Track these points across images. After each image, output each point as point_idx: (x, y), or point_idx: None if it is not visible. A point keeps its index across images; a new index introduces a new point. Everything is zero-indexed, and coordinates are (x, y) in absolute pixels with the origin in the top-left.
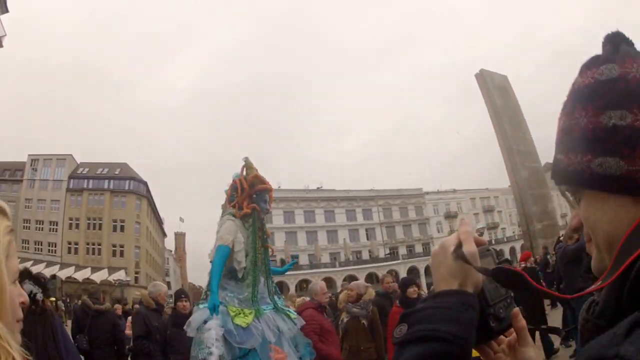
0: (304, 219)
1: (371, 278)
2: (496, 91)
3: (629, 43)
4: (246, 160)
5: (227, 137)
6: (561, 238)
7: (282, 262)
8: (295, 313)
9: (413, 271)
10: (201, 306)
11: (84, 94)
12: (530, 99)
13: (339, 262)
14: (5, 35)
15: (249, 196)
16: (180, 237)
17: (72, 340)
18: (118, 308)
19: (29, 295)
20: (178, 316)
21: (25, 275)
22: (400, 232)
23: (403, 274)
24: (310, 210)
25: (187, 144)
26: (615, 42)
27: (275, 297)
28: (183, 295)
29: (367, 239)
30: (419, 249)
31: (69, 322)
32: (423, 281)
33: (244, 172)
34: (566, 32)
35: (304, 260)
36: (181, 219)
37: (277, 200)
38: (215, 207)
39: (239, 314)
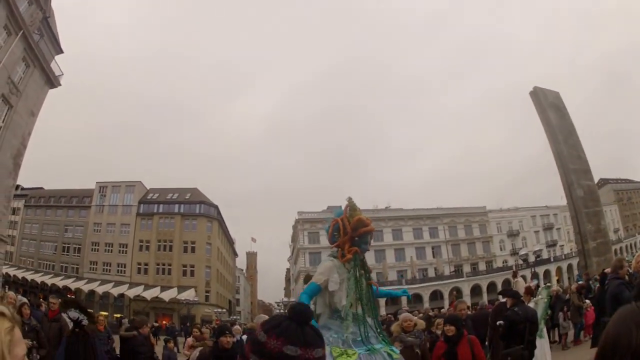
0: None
1: (435, 295)
2: (550, 108)
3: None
4: (349, 201)
5: (299, 162)
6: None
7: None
8: (398, 352)
9: (476, 289)
10: None
11: (158, 125)
12: (581, 118)
13: (406, 279)
14: (62, 74)
15: (350, 239)
16: (251, 256)
17: (106, 358)
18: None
19: (75, 321)
20: (219, 349)
21: (71, 305)
22: (465, 250)
23: (467, 291)
24: (379, 230)
25: (261, 170)
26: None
27: (380, 337)
28: (227, 331)
29: (433, 257)
30: (482, 266)
31: None
32: (485, 298)
33: (347, 213)
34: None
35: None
36: (253, 239)
37: None
38: (285, 229)
39: (342, 354)
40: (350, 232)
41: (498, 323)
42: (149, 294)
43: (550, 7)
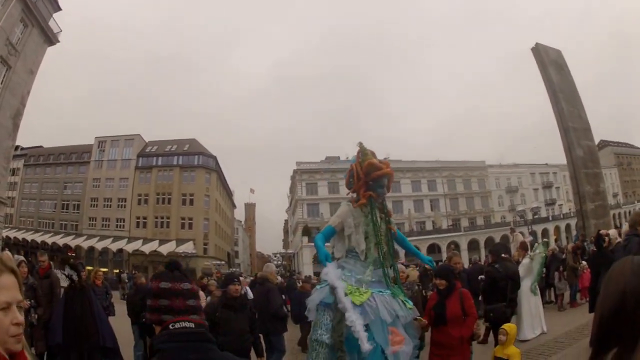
0: None
1: (433, 248)
2: (552, 66)
3: None
4: (360, 145)
5: (299, 118)
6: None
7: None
8: (412, 303)
9: (473, 243)
10: (318, 287)
11: (158, 82)
12: (584, 78)
13: (403, 232)
14: (61, 31)
15: (365, 184)
16: (250, 207)
17: (103, 311)
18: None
19: (70, 277)
20: (228, 298)
21: (65, 262)
22: (463, 204)
23: (464, 245)
24: None
25: (261, 125)
26: None
27: (397, 284)
28: (236, 279)
29: (431, 210)
30: (480, 221)
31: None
32: (482, 253)
33: (359, 158)
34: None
35: None
36: (252, 190)
37: (345, 171)
38: (284, 180)
39: (354, 292)
40: (363, 177)
41: (479, 277)
42: (147, 248)
43: None
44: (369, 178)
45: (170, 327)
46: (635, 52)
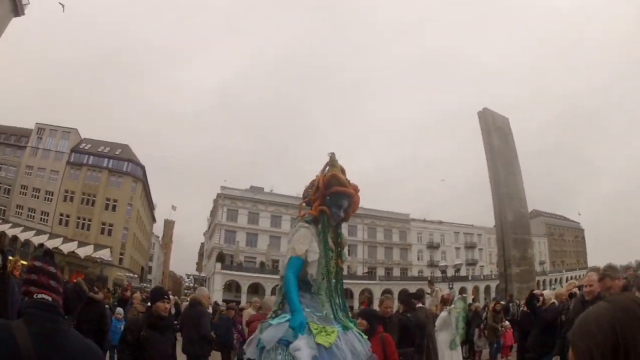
0: (290, 225)
1: (345, 293)
2: (496, 132)
3: None
4: (331, 156)
5: (232, 142)
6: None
7: (262, 264)
8: (365, 335)
9: (387, 293)
10: (273, 322)
11: (102, 78)
12: (528, 148)
13: None
14: (29, 3)
15: (321, 196)
16: (169, 224)
17: (19, 304)
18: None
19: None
20: (155, 317)
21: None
22: (381, 254)
23: (377, 294)
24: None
25: (193, 141)
26: None
27: (348, 315)
28: (166, 297)
29: (348, 255)
30: (396, 272)
31: None
32: (395, 304)
33: (326, 169)
34: (579, 92)
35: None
36: (173, 207)
37: (267, 204)
38: (206, 202)
39: (321, 332)
40: (322, 189)
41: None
42: (66, 248)
43: (522, 35)
44: (327, 191)
45: (34, 297)
46: (586, 130)
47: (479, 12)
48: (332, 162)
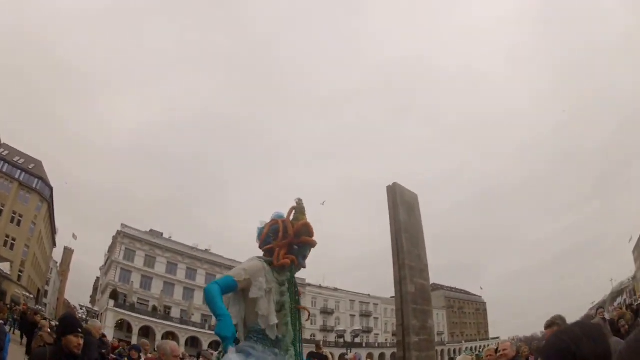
0: (185, 274)
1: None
2: (403, 206)
3: None
4: (299, 203)
5: (139, 180)
6: None
7: (154, 308)
8: None
9: None
10: None
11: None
12: (437, 225)
13: (209, 325)
14: None
15: (289, 245)
16: (68, 252)
17: None
18: None
19: None
20: (64, 354)
21: None
22: None
23: None
24: (193, 269)
25: (101, 175)
26: None
27: None
28: (79, 330)
29: None
30: None
31: None
32: None
33: (292, 216)
34: (491, 174)
35: (175, 313)
36: (74, 236)
37: (164, 249)
38: (105, 236)
39: None
40: (291, 237)
41: None
42: None
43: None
44: (297, 240)
45: None
46: (496, 209)
47: (400, 105)
48: (301, 208)
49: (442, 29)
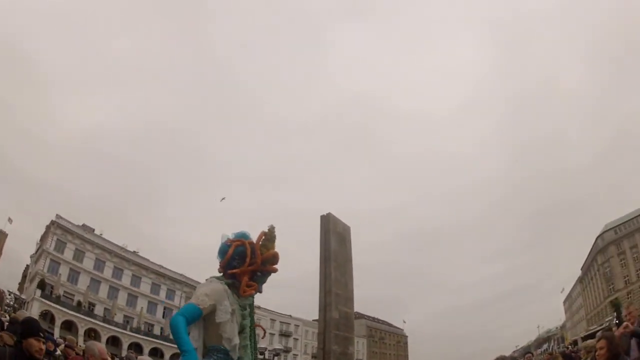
0: (111, 273)
1: (156, 352)
2: (334, 236)
3: None
4: (271, 230)
5: (79, 172)
6: None
7: (79, 304)
8: None
9: None
10: None
11: None
12: (368, 258)
13: (131, 326)
14: None
15: (254, 272)
16: (2, 236)
17: None
18: None
19: None
20: (25, 357)
21: None
22: None
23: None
24: (120, 269)
25: (43, 164)
26: None
27: None
28: (42, 334)
29: (163, 317)
30: None
31: None
32: None
33: (261, 241)
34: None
35: (99, 310)
36: (10, 220)
37: (94, 245)
38: (38, 225)
39: None
40: (258, 265)
41: None
42: None
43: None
44: (263, 268)
45: None
46: (427, 249)
47: (349, 140)
48: (272, 237)
49: (403, 69)
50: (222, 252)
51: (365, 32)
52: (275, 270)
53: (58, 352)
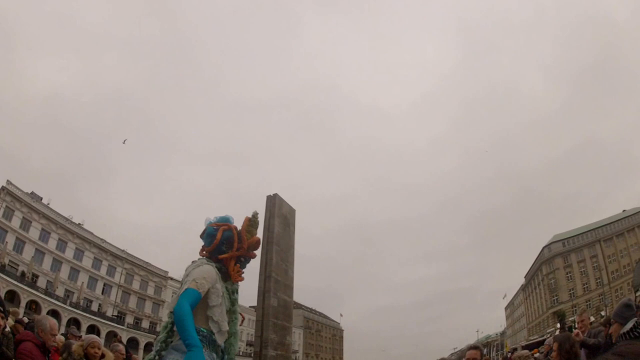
0: (55, 245)
1: (93, 329)
2: (279, 218)
3: None
4: (255, 216)
5: (36, 142)
6: None
7: (23, 274)
8: None
9: (132, 341)
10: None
11: None
12: (308, 246)
13: (70, 301)
14: None
15: (238, 258)
16: None
17: None
18: None
19: None
20: None
21: None
22: (133, 302)
23: (124, 340)
24: (64, 241)
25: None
26: None
27: None
28: (2, 309)
29: (102, 293)
30: (145, 324)
31: None
32: (141, 355)
33: (246, 227)
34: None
35: (42, 283)
36: None
37: (40, 215)
38: None
39: None
40: (244, 250)
41: None
42: None
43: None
44: (247, 253)
45: None
46: (371, 245)
47: (305, 124)
48: (255, 223)
49: (366, 62)
50: (210, 235)
51: (335, 24)
52: (254, 256)
53: (8, 328)
